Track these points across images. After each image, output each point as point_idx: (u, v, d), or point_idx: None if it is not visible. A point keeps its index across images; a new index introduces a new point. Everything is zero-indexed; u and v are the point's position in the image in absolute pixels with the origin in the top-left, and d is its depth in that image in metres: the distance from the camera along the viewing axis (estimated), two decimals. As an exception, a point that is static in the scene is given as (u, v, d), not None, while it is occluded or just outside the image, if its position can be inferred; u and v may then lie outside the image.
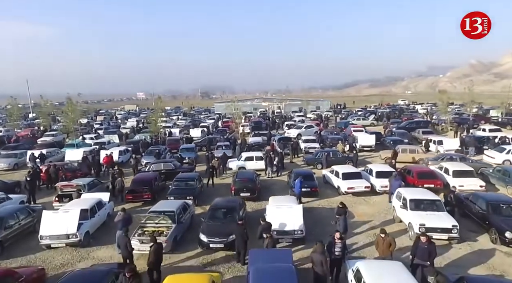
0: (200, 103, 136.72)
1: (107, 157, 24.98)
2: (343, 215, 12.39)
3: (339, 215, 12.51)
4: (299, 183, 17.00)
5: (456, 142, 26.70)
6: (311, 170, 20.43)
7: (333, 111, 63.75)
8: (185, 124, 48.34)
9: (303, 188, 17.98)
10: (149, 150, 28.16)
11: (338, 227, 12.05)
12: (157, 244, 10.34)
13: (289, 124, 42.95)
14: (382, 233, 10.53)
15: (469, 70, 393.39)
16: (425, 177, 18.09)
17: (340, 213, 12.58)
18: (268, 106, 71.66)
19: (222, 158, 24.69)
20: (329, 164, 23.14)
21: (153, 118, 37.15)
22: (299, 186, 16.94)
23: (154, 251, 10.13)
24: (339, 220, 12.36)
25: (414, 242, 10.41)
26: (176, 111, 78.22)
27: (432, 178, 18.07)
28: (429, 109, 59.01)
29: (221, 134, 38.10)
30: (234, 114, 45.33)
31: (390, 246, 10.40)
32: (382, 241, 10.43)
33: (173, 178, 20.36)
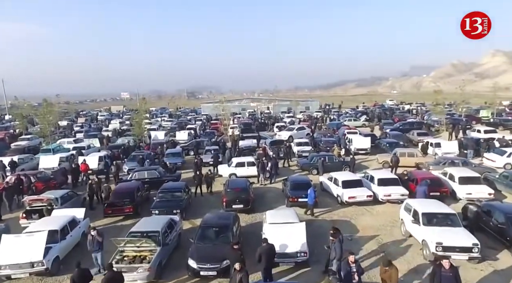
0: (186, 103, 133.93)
1: (84, 164, 22.94)
2: (338, 239, 10.45)
3: (334, 237, 10.52)
4: (313, 193, 15.66)
5: (454, 144, 25.79)
6: (308, 178, 19.00)
7: (322, 112, 62.80)
8: (171, 126, 46.31)
9: (301, 199, 16.60)
10: (132, 156, 26.22)
11: (333, 251, 10.29)
12: (112, 273, 8.67)
13: (280, 125, 41.47)
14: (385, 265, 8.93)
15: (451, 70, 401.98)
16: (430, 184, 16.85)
17: (334, 236, 10.57)
18: (257, 106, 70.09)
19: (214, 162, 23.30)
20: (325, 169, 21.87)
21: (136, 119, 35.21)
22: (313, 196, 15.61)
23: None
24: (333, 243, 10.40)
25: (432, 269, 9.02)
26: (161, 112, 75.82)
27: (438, 185, 16.89)
28: (418, 109, 58.65)
29: (209, 137, 36.34)
30: (223, 115, 43.73)
31: (391, 278, 8.79)
32: (383, 272, 8.97)
33: (158, 187, 18.68)
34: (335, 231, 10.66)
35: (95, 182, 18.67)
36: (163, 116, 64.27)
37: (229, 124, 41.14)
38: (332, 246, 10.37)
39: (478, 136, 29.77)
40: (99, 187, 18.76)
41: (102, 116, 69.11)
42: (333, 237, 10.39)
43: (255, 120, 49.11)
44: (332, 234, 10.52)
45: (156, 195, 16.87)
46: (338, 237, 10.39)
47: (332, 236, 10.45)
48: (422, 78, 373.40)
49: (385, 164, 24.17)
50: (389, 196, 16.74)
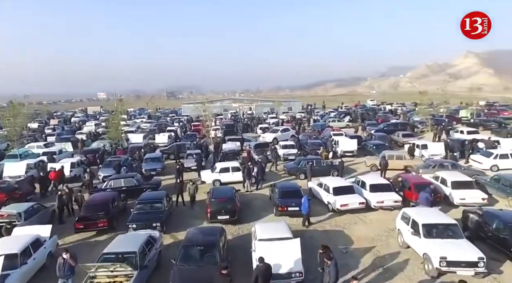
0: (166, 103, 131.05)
1: (55, 171, 21.10)
2: (333, 261, 9.21)
3: (328, 259, 9.23)
4: (307, 202, 14.68)
5: (440, 146, 25.56)
6: (297, 184, 18.03)
7: (305, 112, 62.35)
8: (150, 128, 44.41)
9: (291, 208, 15.63)
10: (108, 161, 24.48)
11: (327, 276, 9.15)
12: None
13: (263, 127, 40.46)
14: None
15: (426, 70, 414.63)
16: (423, 189, 16.23)
17: (328, 258, 9.32)
18: (239, 107, 68.89)
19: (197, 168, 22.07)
20: (313, 173, 21.03)
21: (113, 121, 33.24)
22: (307, 205, 14.63)
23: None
24: (328, 266, 9.18)
25: None
26: (140, 113, 73.34)
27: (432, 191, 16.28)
28: (400, 110, 59.16)
29: (190, 139, 34.84)
30: (205, 116, 42.20)
31: None
32: None
33: (136, 196, 17.24)
34: (326, 250, 9.60)
35: (65, 192, 16.97)
36: (141, 117, 62.05)
37: (211, 125, 39.77)
38: (326, 269, 9.30)
39: (462, 137, 29.84)
40: (70, 198, 17.11)
41: (77, 117, 65.95)
42: (327, 259, 9.29)
43: (237, 122, 47.92)
44: (324, 255, 9.42)
45: (134, 206, 15.42)
46: (333, 258, 9.30)
47: (325, 257, 9.36)
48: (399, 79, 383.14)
49: (373, 167, 23.58)
50: (382, 203, 16.02)
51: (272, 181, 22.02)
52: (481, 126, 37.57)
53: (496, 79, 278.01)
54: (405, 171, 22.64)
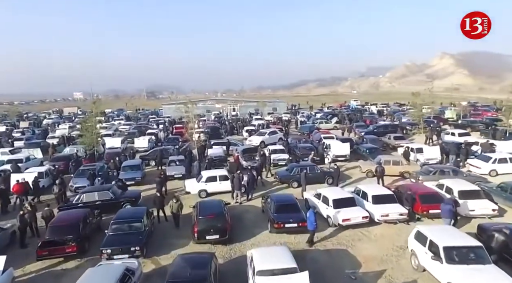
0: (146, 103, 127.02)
1: (18, 183, 18.64)
2: None
3: None
4: (313, 216, 13.16)
5: (436, 150, 24.61)
6: (293, 196, 16.43)
7: (290, 113, 61.10)
8: (129, 130, 41.76)
9: (288, 224, 14.01)
10: (81, 170, 22.10)
11: None
12: None
13: (249, 129, 38.65)
14: None
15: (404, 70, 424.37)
16: (430, 200, 15.02)
17: None
18: (222, 107, 66.88)
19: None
20: (307, 181, 19.52)
21: (89, 124, 30.01)
22: (313, 220, 13.13)
23: None
24: None
25: None
26: (118, 114, 69.97)
27: (439, 201, 15.02)
28: (385, 110, 58.81)
29: (172, 143, 32.69)
30: (187, 118, 39.54)
31: None
32: None
33: (113, 210, 15.25)
34: None
35: (28, 210, 14.68)
36: (120, 118, 58.95)
37: (194, 128, 37.37)
38: None
39: (454, 140, 29.16)
40: (33, 217, 14.83)
41: (50, 119, 61.98)
42: None
43: (222, 123, 45.95)
44: None
45: (109, 227, 13.36)
46: None
47: None
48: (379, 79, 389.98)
49: (369, 173, 22.33)
50: (386, 217, 14.66)
51: (263, 190, 20.42)
52: (469, 127, 37.25)
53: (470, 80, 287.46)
54: (402, 177, 21.58)
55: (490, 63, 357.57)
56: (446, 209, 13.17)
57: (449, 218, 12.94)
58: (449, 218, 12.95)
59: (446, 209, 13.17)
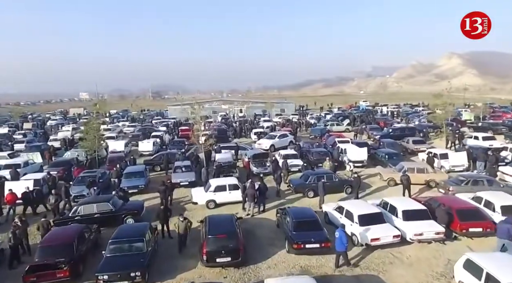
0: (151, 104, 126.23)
1: (11, 193, 17.19)
2: None
3: None
4: (344, 236, 11.59)
5: (462, 156, 22.73)
6: (312, 211, 14.74)
7: (299, 114, 59.36)
8: (133, 133, 40.34)
9: (309, 244, 12.33)
10: (80, 177, 20.63)
11: None
12: None
13: (258, 132, 36.94)
14: None
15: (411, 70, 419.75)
16: (470, 217, 13.27)
17: None
18: (229, 108, 65.30)
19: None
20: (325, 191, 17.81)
21: (93, 125, 27.04)
22: (345, 240, 11.55)
23: None
24: None
25: None
26: (123, 115, 68.77)
27: (479, 218, 13.31)
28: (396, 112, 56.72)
29: (178, 147, 31.17)
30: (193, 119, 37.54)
31: None
32: None
33: (112, 224, 13.75)
34: None
35: (18, 226, 13.14)
36: (124, 120, 57.65)
37: (200, 130, 35.36)
38: None
39: (478, 144, 27.25)
40: (24, 233, 13.32)
41: (54, 120, 60.84)
42: None
43: (229, 125, 44.34)
44: None
45: (106, 247, 11.79)
46: None
47: None
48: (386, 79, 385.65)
49: (390, 182, 20.57)
50: (420, 236, 12.90)
51: (276, 201, 18.77)
52: (490, 130, 35.18)
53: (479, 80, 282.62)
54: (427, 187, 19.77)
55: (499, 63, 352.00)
56: (504, 229, 11.37)
57: (506, 239, 11.17)
58: (506, 239, 11.18)
59: (504, 229, 11.37)
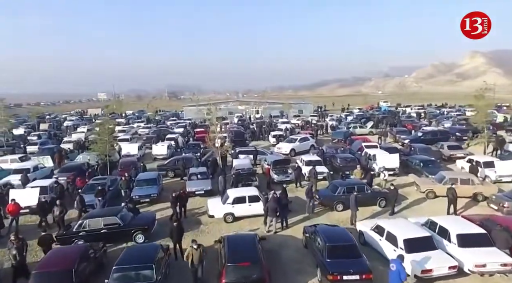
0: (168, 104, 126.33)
1: (14, 203, 15.88)
2: None
3: None
4: (403, 270, 9.52)
5: (511, 164, 20.10)
6: (345, 229, 12.73)
7: (318, 116, 57.06)
8: (148, 135, 39.07)
9: (347, 275, 10.34)
10: (89, 185, 19.23)
11: None
12: None
13: (277, 135, 34.98)
14: None
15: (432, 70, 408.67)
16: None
17: None
18: (245, 109, 63.56)
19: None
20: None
21: (106, 127, 24.72)
22: (403, 276, 9.49)
23: None
24: None
25: None
26: (139, 116, 68.03)
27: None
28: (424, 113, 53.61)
29: (193, 150, 29.59)
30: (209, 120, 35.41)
31: None
32: None
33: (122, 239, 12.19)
34: None
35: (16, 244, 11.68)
36: (140, 121, 56.68)
37: (216, 132, 33.14)
38: None
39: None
40: (21, 252, 11.84)
41: (70, 121, 60.43)
42: None
43: (246, 127, 42.55)
44: None
45: (110, 275, 10.13)
46: None
47: None
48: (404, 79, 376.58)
49: (429, 194, 18.30)
50: (483, 267, 10.69)
51: (300, 214, 16.82)
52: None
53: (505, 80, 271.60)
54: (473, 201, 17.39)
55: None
56: None
57: None
58: None
59: None
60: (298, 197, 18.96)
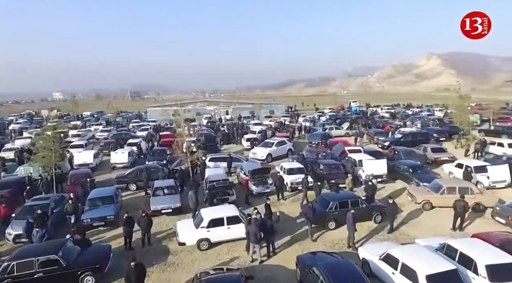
0: (130, 105, 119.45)
1: None
2: None
3: None
4: None
5: (504, 169, 18.93)
6: (350, 260, 10.39)
7: (291, 116, 55.25)
8: (107, 139, 34.95)
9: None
10: (27, 207, 15.50)
11: None
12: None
13: (251, 138, 32.29)
14: None
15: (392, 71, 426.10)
16: None
17: None
18: (214, 110, 60.34)
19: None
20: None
21: (52, 133, 20.53)
22: None
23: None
24: None
25: None
26: (98, 118, 62.48)
27: None
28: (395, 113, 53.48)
29: (159, 158, 26.24)
30: (177, 122, 30.97)
31: None
32: None
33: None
34: None
35: None
36: (98, 123, 51.68)
37: (185, 135, 28.94)
38: None
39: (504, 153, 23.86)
40: None
41: (17, 123, 53.78)
42: None
43: (216, 130, 39.52)
44: None
45: None
46: None
47: None
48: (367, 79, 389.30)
49: (425, 205, 16.58)
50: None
51: (288, 235, 14.38)
52: (505, 134, 32.08)
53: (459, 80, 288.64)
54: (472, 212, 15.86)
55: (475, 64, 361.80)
56: None
57: None
58: None
59: None
60: (282, 212, 16.48)
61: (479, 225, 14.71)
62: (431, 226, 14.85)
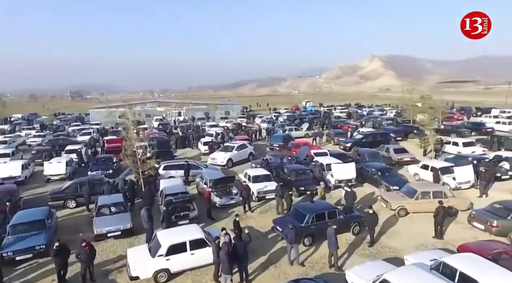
0: (69, 105, 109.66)
1: None
2: None
3: None
4: None
5: (469, 170, 18.91)
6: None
7: (247, 117, 53.68)
8: (40, 146, 30.33)
9: None
10: None
11: None
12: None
13: (208, 142, 29.90)
14: None
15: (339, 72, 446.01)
16: None
17: None
18: (166, 111, 56.56)
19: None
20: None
21: None
22: None
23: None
24: None
25: None
26: (31, 121, 55.33)
27: None
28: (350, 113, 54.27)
29: (103, 167, 22.93)
30: (124, 125, 26.91)
31: None
32: None
33: None
34: None
35: None
36: (31, 127, 45.47)
37: (134, 140, 24.98)
38: None
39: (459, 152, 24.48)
40: None
41: None
42: None
43: (170, 133, 36.45)
44: None
45: None
46: None
47: None
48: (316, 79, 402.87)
49: (400, 212, 15.76)
50: None
51: (260, 256, 12.54)
52: (454, 133, 33.41)
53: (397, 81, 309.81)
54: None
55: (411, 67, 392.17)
56: None
57: None
58: None
59: None
60: (251, 227, 14.63)
61: (456, 231, 14.12)
62: (411, 235, 13.96)
